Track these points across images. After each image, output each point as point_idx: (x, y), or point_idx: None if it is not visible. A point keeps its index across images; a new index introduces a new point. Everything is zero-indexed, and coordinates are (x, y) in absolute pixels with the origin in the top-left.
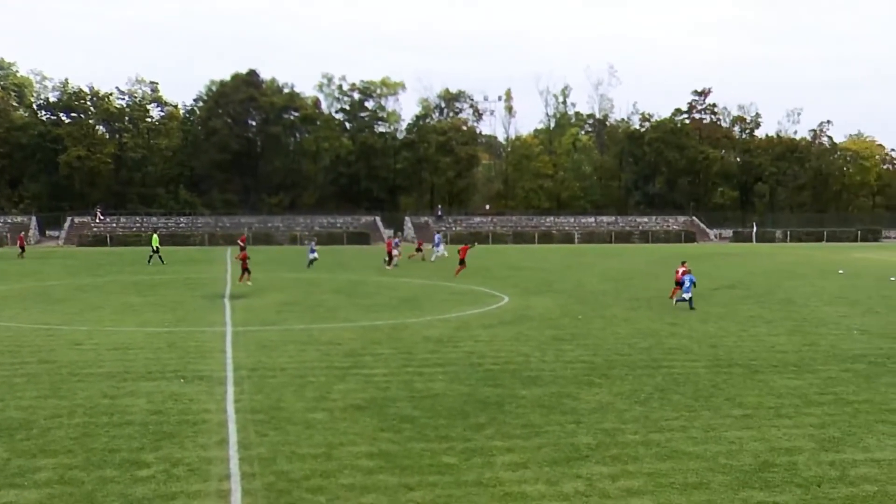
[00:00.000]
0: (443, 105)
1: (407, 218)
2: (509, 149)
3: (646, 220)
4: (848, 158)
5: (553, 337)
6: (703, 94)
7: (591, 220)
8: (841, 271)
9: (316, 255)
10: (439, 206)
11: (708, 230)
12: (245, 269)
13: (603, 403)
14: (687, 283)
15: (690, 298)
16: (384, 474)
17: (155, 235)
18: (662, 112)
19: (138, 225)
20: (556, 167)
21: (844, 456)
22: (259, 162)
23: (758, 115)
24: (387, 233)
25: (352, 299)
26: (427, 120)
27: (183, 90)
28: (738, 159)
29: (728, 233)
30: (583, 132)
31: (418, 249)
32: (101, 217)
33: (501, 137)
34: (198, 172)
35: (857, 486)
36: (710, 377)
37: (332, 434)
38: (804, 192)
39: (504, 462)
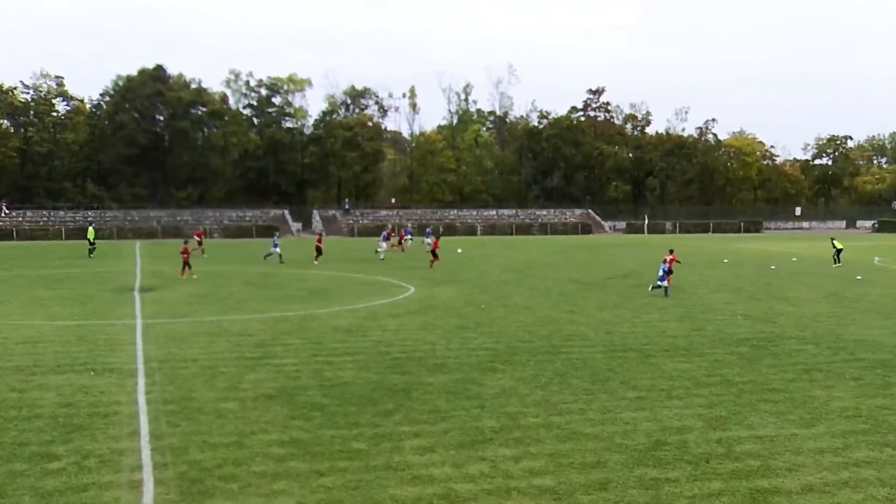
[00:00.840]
0: (349, 101)
1: (315, 211)
2: (414, 144)
3: (544, 212)
4: (731, 154)
5: (458, 325)
6: (598, 92)
7: (493, 213)
8: (726, 260)
9: (278, 249)
10: (346, 200)
11: (603, 222)
12: (186, 264)
13: (506, 388)
14: (660, 273)
15: (666, 287)
16: (295, 461)
17: (91, 228)
18: (559, 110)
19: (45, 219)
20: (459, 162)
21: (730, 433)
22: (167, 156)
23: (648, 113)
24: (295, 226)
25: (262, 291)
26: (334, 116)
27: (89, 85)
28: (631, 155)
29: (622, 225)
30: (484, 129)
31: (400, 242)
32: (7, 211)
33: (406, 133)
34: (105, 167)
35: (742, 462)
36: (606, 362)
37: (243, 423)
38: (692, 186)
39: (412, 446)
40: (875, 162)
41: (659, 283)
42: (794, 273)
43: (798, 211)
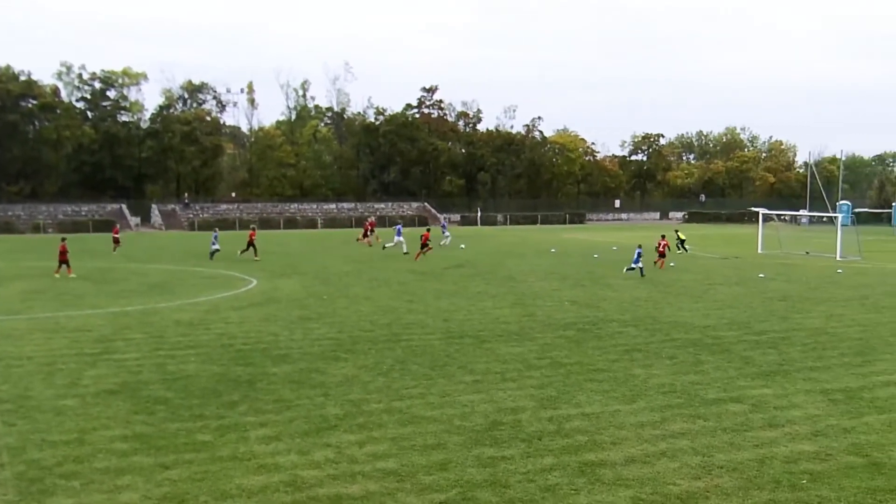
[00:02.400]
0: (186, 96)
1: (154, 206)
2: (253, 139)
3: (383, 205)
4: (556, 151)
5: (300, 317)
6: (431, 90)
7: (333, 206)
8: (553, 250)
9: (217, 246)
10: (186, 195)
11: (439, 215)
12: (63, 262)
13: (349, 376)
14: (635, 256)
15: (641, 268)
16: (139, 455)
17: None
18: (395, 107)
19: None
20: (299, 157)
21: (560, 412)
22: None
23: (479, 110)
24: (133, 220)
25: (100, 286)
26: (171, 110)
27: None
28: (464, 151)
29: (456, 217)
30: (322, 124)
31: (365, 235)
32: None
33: (245, 128)
34: None
35: (571, 438)
36: (444, 348)
37: (84, 420)
38: (521, 181)
39: (258, 436)
40: (684, 158)
41: (633, 265)
42: (615, 261)
43: (617, 203)
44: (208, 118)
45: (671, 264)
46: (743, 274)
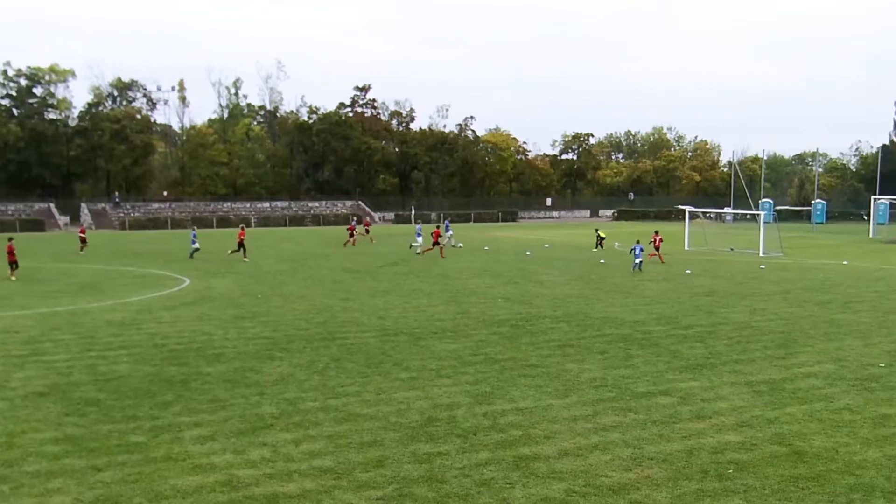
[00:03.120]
0: (115, 94)
1: (83, 205)
2: (185, 137)
3: (317, 204)
4: (489, 150)
5: (235, 316)
6: (364, 89)
7: (267, 205)
8: (486, 248)
9: (197, 245)
10: (116, 193)
11: (373, 213)
12: (12, 262)
13: (284, 375)
14: (637, 251)
15: (640, 262)
16: (71, 458)
17: None
18: (328, 105)
19: None
20: (231, 155)
21: (495, 407)
22: None
23: (412, 110)
24: (62, 219)
25: (28, 286)
26: (100, 108)
27: None
28: (397, 149)
29: (390, 215)
30: (255, 122)
31: (351, 235)
32: None
33: (176, 126)
34: None
35: (505, 432)
36: (379, 345)
37: (12, 423)
38: (454, 179)
39: (192, 436)
40: (613, 157)
41: (637, 260)
42: (547, 258)
43: (549, 202)
44: (138, 116)
45: (601, 261)
46: (670, 270)
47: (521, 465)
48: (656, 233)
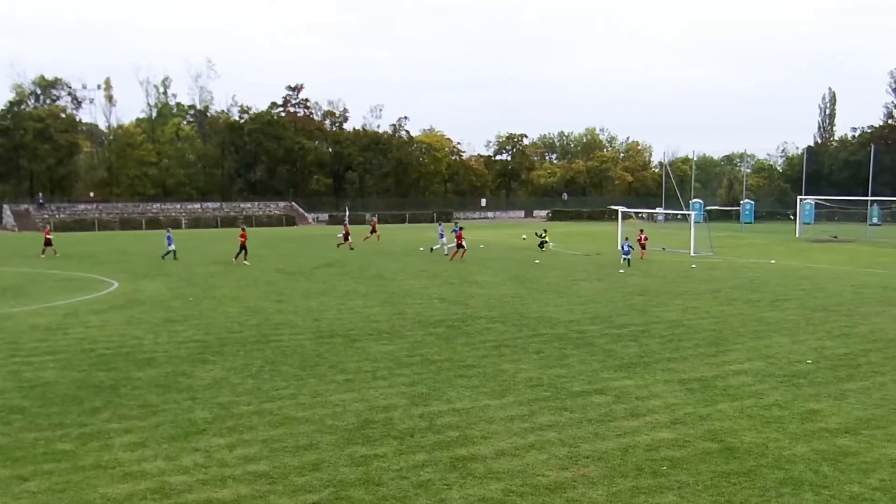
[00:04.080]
0: (39, 92)
1: (6, 206)
2: (112, 137)
3: (249, 205)
4: (423, 150)
5: (165, 319)
6: (297, 89)
7: (198, 206)
8: (421, 248)
9: (173, 246)
10: (40, 194)
11: (306, 214)
12: None
13: (217, 379)
14: (626, 248)
15: (629, 259)
16: None
17: None
18: (260, 105)
19: None
20: (161, 155)
21: (431, 408)
22: None
23: (346, 109)
24: (10, 221)
25: None
26: (22, 107)
27: None
28: (331, 150)
29: (324, 216)
30: (185, 122)
31: (346, 238)
32: None
33: (103, 126)
34: None
35: (442, 434)
36: (314, 348)
37: None
38: (388, 179)
39: (122, 443)
40: (547, 158)
41: (625, 256)
42: (482, 259)
43: (484, 202)
44: (63, 115)
45: (536, 262)
46: (604, 270)
47: (459, 465)
48: (641, 231)
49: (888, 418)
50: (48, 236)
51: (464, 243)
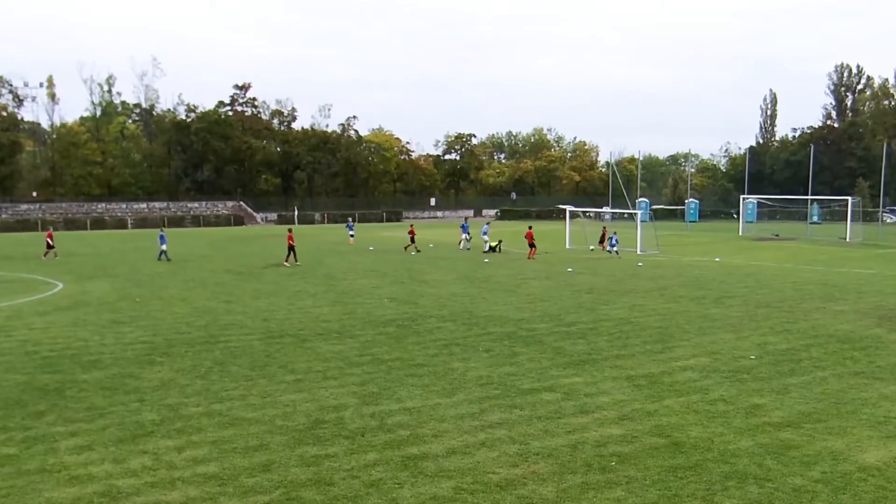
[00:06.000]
0: None
1: None
2: (55, 136)
3: (196, 205)
4: (372, 150)
5: (112, 320)
6: (244, 88)
7: (144, 205)
8: (371, 248)
9: (165, 246)
10: None
11: (255, 214)
12: None
13: (165, 380)
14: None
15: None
16: None
17: None
18: (207, 104)
19: None
20: (105, 154)
21: (382, 407)
22: None
23: (294, 109)
24: None
25: None
26: None
27: None
28: (279, 149)
29: (273, 216)
30: (130, 121)
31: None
32: None
33: (46, 124)
34: None
35: (393, 433)
36: (264, 348)
37: None
38: (337, 179)
39: (68, 446)
40: (495, 157)
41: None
42: (431, 258)
43: (433, 201)
44: (4, 113)
45: (485, 261)
46: (553, 269)
47: (410, 464)
48: (604, 228)
49: (829, 412)
50: (49, 240)
51: (534, 243)
